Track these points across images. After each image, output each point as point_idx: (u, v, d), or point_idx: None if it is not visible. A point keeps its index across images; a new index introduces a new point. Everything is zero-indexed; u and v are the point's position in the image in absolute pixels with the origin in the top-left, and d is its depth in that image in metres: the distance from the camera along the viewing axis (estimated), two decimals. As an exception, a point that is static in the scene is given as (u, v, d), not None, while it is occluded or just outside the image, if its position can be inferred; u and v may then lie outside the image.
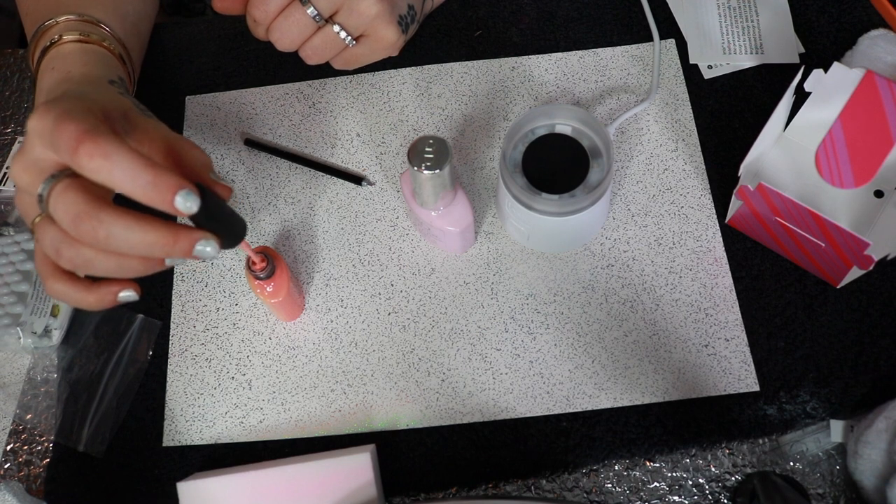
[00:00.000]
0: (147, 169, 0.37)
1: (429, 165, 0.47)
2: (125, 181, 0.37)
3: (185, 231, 0.39)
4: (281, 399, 0.54)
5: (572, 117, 0.52)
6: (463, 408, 0.53)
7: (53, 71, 0.49)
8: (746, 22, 0.63)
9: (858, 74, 0.53)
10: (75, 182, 0.38)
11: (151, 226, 0.39)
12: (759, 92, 0.60)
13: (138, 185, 0.37)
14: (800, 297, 0.53)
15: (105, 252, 0.40)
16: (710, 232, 0.56)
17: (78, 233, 0.38)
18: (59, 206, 0.38)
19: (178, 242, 0.39)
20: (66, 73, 0.49)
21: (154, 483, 0.52)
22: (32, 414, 0.55)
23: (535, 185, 0.51)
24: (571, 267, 0.56)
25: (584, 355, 0.53)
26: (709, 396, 0.51)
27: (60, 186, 0.38)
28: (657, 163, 0.59)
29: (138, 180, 0.37)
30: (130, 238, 0.38)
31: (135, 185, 0.37)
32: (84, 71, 0.49)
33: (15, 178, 0.41)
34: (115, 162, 0.37)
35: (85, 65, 0.50)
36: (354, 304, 0.56)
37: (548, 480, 0.51)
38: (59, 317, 0.56)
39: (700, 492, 0.50)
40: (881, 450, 0.45)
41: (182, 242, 0.39)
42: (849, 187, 0.53)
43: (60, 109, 0.38)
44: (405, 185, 0.52)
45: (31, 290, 0.55)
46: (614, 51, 0.63)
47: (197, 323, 0.57)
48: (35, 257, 0.43)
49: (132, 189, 0.37)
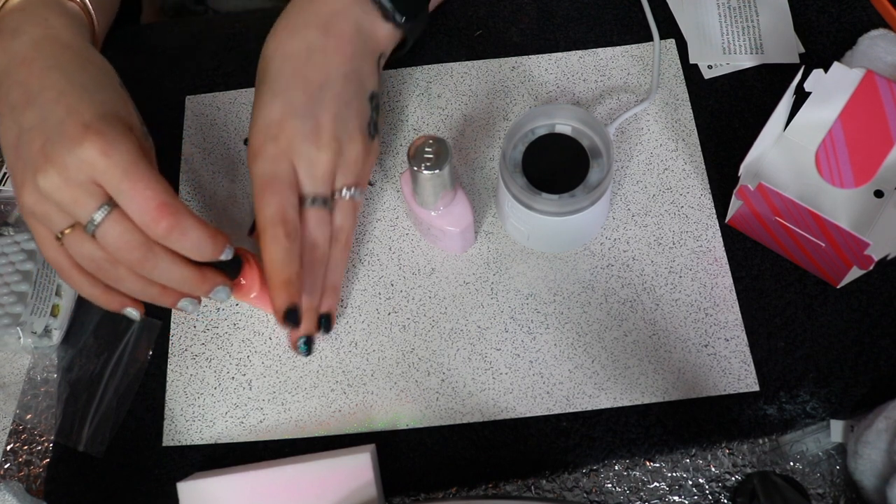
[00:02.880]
0: (210, 239, 0.44)
1: (429, 165, 0.47)
2: (192, 250, 0.44)
3: (211, 274, 0.47)
4: (281, 399, 0.54)
5: (572, 117, 0.52)
6: (463, 408, 0.53)
7: (24, 13, 0.47)
8: (746, 22, 0.63)
9: (858, 74, 0.53)
10: (126, 214, 0.43)
11: (187, 264, 0.45)
12: (759, 92, 0.60)
13: (203, 253, 0.45)
14: (800, 297, 0.53)
15: (138, 277, 0.45)
16: (710, 232, 0.56)
17: (128, 259, 0.43)
18: (114, 233, 0.43)
19: (204, 283, 0.47)
20: (46, 26, 0.47)
21: (154, 483, 0.52)
22: (32, 414, 0.55)
23: (535, 185, 0.51)
24: (571, 267, 0.56)
25: (584, 355, 0.53)
26: (709, 396, 0.51)
27: (117, 215, 0.43)
28: (657, 163, 0.59)
29: (204, 250, 0.44)
30: (172, 272, 0.45)
31: (200, 253, 0.44)
32: (67, 34, 0.48)
33: (52, 190, 0.42)
34: (188, 237, 0.43)
35: (62, 17, 0.49)
36: (354, 304, 0.56)
37: (548, 480, 0.51)
38: (59, 317, 0.56)
39: (700, 492, 0.50)
40: (881, 450, 0.45)
41: (207, 284, 0.47)
42: (849, 187, 0.53)
43: (125, 154, 0.42)
44: (405, 185, 0.52)
45: (30, 290, 0.55)
46: (614, 51, 0.63)
47: (197, 323, 0.57)
48: (52, 254, 0.46)
49: (194, 254, 0.44)
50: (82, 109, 0.43)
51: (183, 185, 0.61)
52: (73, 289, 0.51)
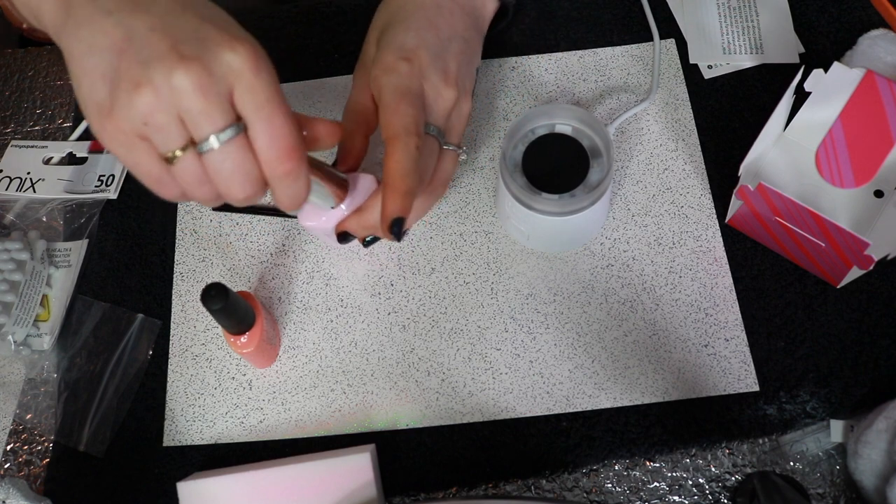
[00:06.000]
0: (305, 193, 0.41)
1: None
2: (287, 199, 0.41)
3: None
4: (281, 399, 0.54)
5: (572, 117, 0.52)
6: (463, 408, 0.53)
7: None
8: (746, 22, 0.63)
9: (858, 74, 0.53)
10: (251, 142, 0.38)
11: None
12: (759, 92, 0.60)
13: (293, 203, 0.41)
14: (800, 297, 0.53)
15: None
16: (710, 232, 0.56)
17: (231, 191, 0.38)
18: (235, 160, 0.37)
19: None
20: None
21: (154, 483, 0.52)
22: (32, 414, 0.55)
23: (535, 185, 0.51)
24: (571, 267, 0.56)
25: (584, 355, 0.53)
26: (709, 396, 0.51)
27: (243, 140, 0.37)
28: (657, 163, 0.59)
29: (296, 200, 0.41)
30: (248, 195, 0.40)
31: (291, 203, 0.41)
32: None
33: (188, 91, 0.35)
34: (296, 185, 0.40)
35: None
36: (354, 304, 0.56)
37: (548, 480, 0.51)
38: (50, 321, 0.56)
39: (700, 492, 0.50)
40: (881, 450, 0.45)
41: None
42: (849, 187, 0.53)
43: (272, 77, 0.37)
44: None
45: (16, 301, 0.55)
46: (614, 51, 0.63)
47: (197, 323, 0.57)
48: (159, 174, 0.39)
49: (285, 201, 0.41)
50: (217, 18, 0.37)
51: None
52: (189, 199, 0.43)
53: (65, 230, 0.60)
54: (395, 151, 0.45)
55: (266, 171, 0.38)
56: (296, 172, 0.39)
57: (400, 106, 0.46)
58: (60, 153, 0.63)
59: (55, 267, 0.59)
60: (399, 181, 0.45)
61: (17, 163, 0.63)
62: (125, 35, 0.35)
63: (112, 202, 0.61)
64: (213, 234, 0.59)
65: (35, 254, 0.57)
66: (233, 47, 0.36)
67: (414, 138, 0.45)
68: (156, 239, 0.59)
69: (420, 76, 0.47)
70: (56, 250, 0.59)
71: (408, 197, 0.45)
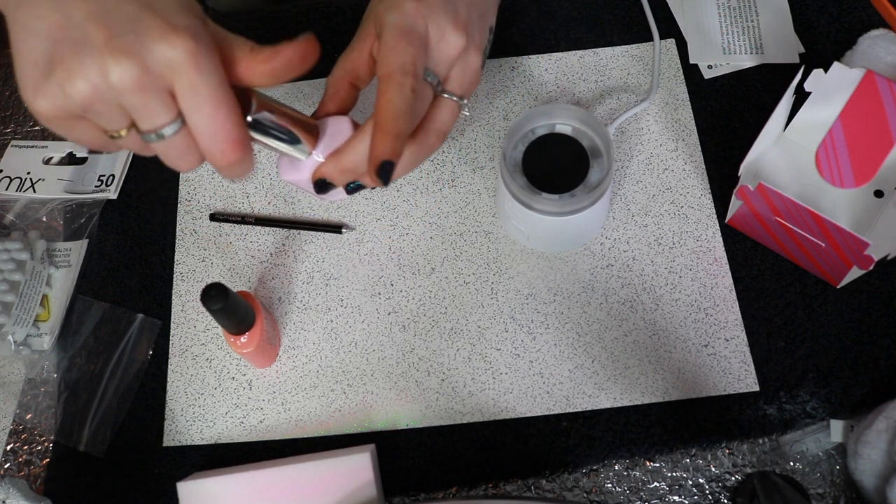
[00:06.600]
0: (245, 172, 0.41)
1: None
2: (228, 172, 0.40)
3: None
4: (281, 399, 0.54)
5: (572, 117, 0.52)
6: (463, 408, 0.53)
7: None
8: (746, 22, 0.63)
9: (858, 74, 0.53)
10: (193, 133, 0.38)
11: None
12: (759, 92, 0.60)
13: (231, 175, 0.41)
14: (800, 297, 0.53)
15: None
16: (710, 232, 0.56)
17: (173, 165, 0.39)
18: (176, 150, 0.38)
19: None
20: None
21: (154, 483, 0.52)
22: (32, 414, 0.55)
23: (535, 185, 0.51)
24: (571, 267, 0.56)
25: (584, 355, 0.53)
26: (709, 396, 0.51)
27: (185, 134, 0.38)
28: (657, 163, 0.59)
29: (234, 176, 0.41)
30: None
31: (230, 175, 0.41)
32: None
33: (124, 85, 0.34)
34: (239, 169, 0.40)
35: None
36: (354, 304, 0.56)
37: (548, 480, 0.51)
38: (50, 321, 0.56)
39: (700, 492, 0.50)
40: (881, 450, 0.45)
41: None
42: (849, 187, 0.53)
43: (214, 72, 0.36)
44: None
45: (16, 301, 0.55)
46: (614, 51, 0.63)
47: (197, 323, 0.57)
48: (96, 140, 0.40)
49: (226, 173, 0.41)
50: (159, 5, 0.36)
51: (183, 185, 0.61)
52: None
53: (65, 230, 0.60)
54: (387, 90, 0.43)
55: (209, 159, 0.39)
56: (239, 161, 0.39)
57: (399, 44, 0.43)
58: (60, 153, 0.63)
59: (55, 267, 0.59)
60: (391, 122, 0.42)
61: (17, 163, 0.63)
62: (62, 22, 0.35)
63: (112, 202, 0.61)
64: (213, 234, 0.59)
65: (35, 254, 0.57)
66: (170, 41, 0.35)
67: (410, 79, 0.43)
68: (156, 239, 0.59)
69: (426, 17, 0.45)
70: (56, 250, 0.59)
71: (399, 139, 0.42)
